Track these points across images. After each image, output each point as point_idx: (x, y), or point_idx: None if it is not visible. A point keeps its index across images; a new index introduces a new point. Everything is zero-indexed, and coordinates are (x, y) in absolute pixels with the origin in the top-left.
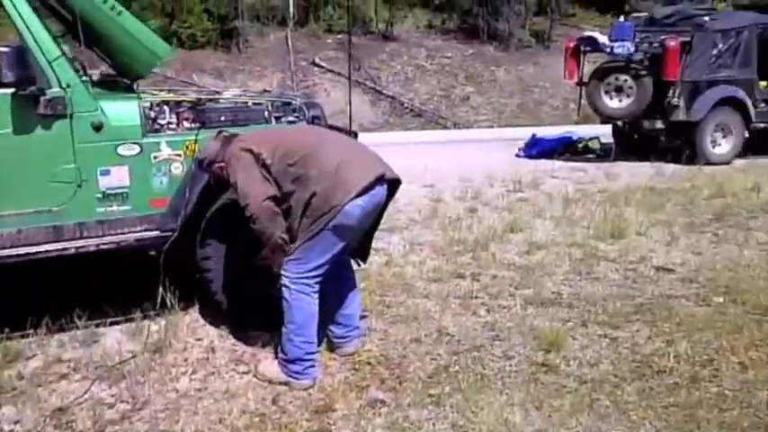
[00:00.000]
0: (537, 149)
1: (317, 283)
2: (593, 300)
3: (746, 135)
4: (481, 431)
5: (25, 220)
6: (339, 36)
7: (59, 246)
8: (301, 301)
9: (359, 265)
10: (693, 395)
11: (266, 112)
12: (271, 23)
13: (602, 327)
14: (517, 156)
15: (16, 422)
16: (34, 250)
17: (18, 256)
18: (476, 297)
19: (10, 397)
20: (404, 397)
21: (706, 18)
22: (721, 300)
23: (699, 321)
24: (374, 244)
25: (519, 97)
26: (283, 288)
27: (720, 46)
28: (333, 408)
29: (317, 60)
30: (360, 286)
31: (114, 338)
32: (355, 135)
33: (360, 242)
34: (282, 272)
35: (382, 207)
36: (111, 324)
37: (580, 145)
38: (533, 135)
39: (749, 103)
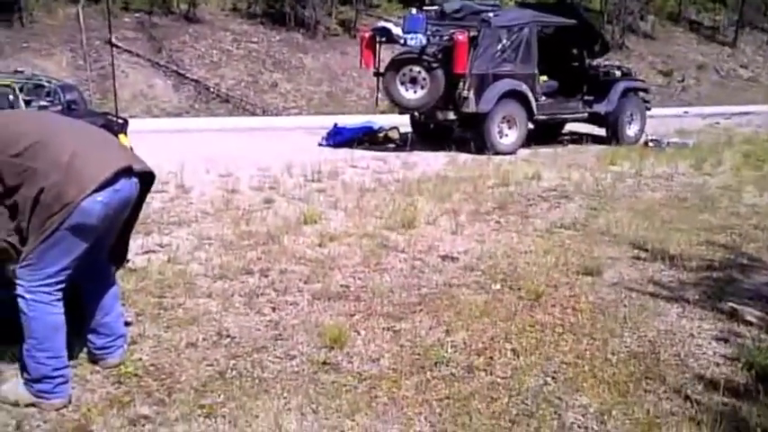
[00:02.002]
0: (338, 139)
1: (58, 290)
2: (379, 291)
3: (530, 126)
4: None
5: None
6: (137, 15)
7: None
8: (41, 311)
9: (117, 268)
10: (468, 386)
11: (11, 96)
12: None
13: (387, 319)
14: (320, 145)
15: None
16: None
17: None
18: (262, 294)
19: None
20: (172, 410)
21: (491, 14)
22: (499, 286)
23: (477, 309)
24: (158, 239)
25: (327, 85)
26: (19, 299)
27: (504, 41)
28: (89, 429)
29: (113, 40)
30: (136, 287)
31: None
32: (125, 123)
33: (115, 242)
34: (17, 280)
35: (137, 203)
36: None
37: (380, 134)
38: (335, 124)
39: (531, 96)
